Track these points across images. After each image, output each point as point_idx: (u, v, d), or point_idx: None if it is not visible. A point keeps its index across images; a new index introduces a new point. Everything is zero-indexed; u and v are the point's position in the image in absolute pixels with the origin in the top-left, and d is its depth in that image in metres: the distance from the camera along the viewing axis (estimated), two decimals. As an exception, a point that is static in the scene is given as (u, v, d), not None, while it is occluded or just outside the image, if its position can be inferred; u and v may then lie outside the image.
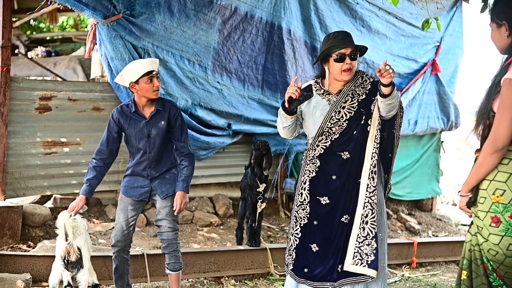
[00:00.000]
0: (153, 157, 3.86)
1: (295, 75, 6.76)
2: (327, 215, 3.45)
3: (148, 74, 3.71)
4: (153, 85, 3.73)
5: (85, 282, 3.74)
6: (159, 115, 3.84)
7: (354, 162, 3.41)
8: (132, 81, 3.72)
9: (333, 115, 3.44)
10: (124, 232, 3.89)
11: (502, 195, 2.55)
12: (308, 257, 3.47)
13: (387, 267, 5.70)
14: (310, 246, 3.47)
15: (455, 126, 8.83)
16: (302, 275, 3.47)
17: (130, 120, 3.83)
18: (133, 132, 3.83)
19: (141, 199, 3.93)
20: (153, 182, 3.90)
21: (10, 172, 5.20)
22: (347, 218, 3.40)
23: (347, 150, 3.42)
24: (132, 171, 3.94)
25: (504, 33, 2.72)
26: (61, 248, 3.71)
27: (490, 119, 2.65)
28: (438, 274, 5.86)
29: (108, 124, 3.88)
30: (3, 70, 5.12)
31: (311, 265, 3.45)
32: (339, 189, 3.43)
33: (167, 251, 3.93)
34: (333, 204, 3.43)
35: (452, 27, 8.42)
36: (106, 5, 5.24)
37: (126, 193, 3.93)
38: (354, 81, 3.48)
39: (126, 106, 3.89)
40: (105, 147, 3.87)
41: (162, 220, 3.91)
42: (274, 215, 7.04)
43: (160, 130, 3.83)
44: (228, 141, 6.46)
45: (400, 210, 8.36)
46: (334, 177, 3.44)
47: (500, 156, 2.57)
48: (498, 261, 2.57)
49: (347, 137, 3.42)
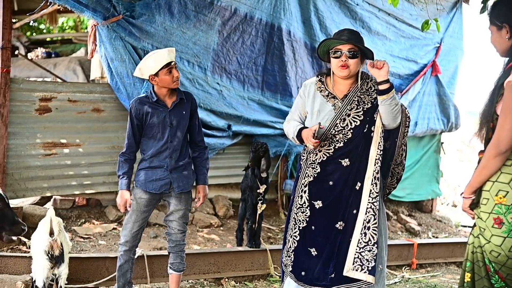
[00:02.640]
0: (175, 147, 3.85)
1: (295, 76, 6.78)
2: (324, 221, 3.45)
3: (167, 66, 3.71)
4: (173, 76, 3.74)
5: (65, 276, 3.83)
6: (182, 104, 3.87)
7: (353, 169, 3.40)
8: (151, 74, 3.72)
9: (338, 123, 3.41)
10: (134, 233, 3.89)
11: (505, 197, 2.55)
12: (306, 260, 3.48)
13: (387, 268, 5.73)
14: (309, 250, 3.46)
15: (455, 127, 8.82)
16: (300, 278, 3.47)
17: (153, 110, 3.81)
18: (156, 122, 3.81)
19: (161, 192, 3.88)
20: (172, 173, 3.87)
21: (10, 173, 5.20)
22: (342, 225, 3.40)
23: (348, 157, 3.41)
24: (149, 163, 3.87)
25: (505, 36, 2.71)
26: (44, 243, 3.74)
27: (494, 122, 2.65)
28: (438, 275, 5.86)
29: (130, 117, 3.85)
30: (3, 71, 5.11)
31: (309, 269, 3.45)
32: (335, 195, 3.42)
33: (173, 251, 3.96)
34: (328, 209, 3.43)
35: (452, 28, 8.42)
36: (106, 6, 5.23)
37: (145, 187, 3.86)
38: (360, 86, 3.44)
39: (145, 97, 3.87)
40: (133, 140, 3.87)
41: (173, 221, 3.93)
42: (274, 216, 7.04)
43: (182, 119, 3.86)
44: (228, 142, 6.46)
45: (400, 211, 8.35)
46: (331, 183, 3.44)
47: (503, 159, 2.57)
48: (500, 263, 2.57)
49: (352, 146, 3.40)
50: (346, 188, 3.40)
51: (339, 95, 3.45)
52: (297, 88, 6.80)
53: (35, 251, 3.85)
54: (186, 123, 3.90)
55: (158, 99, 3.82)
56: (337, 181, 3.42)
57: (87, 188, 5.69)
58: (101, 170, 5.70)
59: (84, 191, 5.71)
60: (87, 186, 5.69)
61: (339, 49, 3.36)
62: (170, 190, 3.90)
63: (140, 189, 3.88)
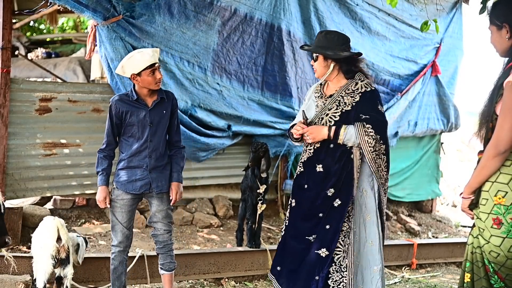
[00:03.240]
0: (155, 146, 3.83)
1: (295, 76, 6.78)
2: (298, 224, 3.54)
3: (151, 67, 3.70)
4: (156, 78, 3.73)
5: (70, 276, 3.95)
6: (163, 103, 3.85)
7: (327, 181, 3.42)
8: (134, 73, 3.71)
9: (316, 122, 3.47)
10: (125, 233, 3.89)
11: (504, 197, 2.55)
12: (285, 261, 3.59)
13: (386, 268, 5.73)
14: (290, 244, 3.58)
15: (455, 127, 8.82)
16: (274, 272, 3.63)
17: (133, 108, 3.79)
18: (135, 120, 3.79)
19: (141, 192, 3.87)
20: (151, 173, 3.84)
21: (10, 174, 5.20)
22: (314, 237, 3.44)
23: (321, 163, 3.44)
24: (128, 162, 3.85)
25: (505, 36, 2.71)
26: (50, 248, 3.83)
27: (493, 122, 2.65)
28: (438, 275, 5.86)
29: (109, 114, 3.82)
30: (3, 71, 5.11)
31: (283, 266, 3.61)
32: (309, 199, 3.48)
33: (162, 252, 3.96)
34: (301, 213, 3.51)
35: (452, 28, 8.42)
36: (106, 7, 5.23)
37: (125, 188, 3.85)
38: (347, 86, 3.48)
39: (125, 95, 3.86)
40: (112, 138, 3.86)
41: (158, 223, 3.93)
42: (274, 216, 7.04)
43: (162, 118, 3.84)
44: (228, 142, 6.46)
45: (400, 211, 8.35)
46: (306, 186, 3.51)
47: (502, 159, 2.57)
48: (499, 263, 2.57)
49: (326, 149, 3.44)
50: (318, 197, 3.43)
51: (327, 95, 3.53)
52: (297, 88, 6.81)
53: (36, 252, 3.87)
54: (166, 123, 3.88)
55: (139, 98, 3.80)
56: (310, 187, 3.48)
57: (87, 188, 5.69)
58: (101, 170, 5.69)
59: (84, 191, 5.71)
60: (87, 186, 5.69)
61: (312, 54, 3.55)
62: (150, 190, 3.88)
63: (121, 191, 3.87)
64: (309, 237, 3.44)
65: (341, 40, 3.49)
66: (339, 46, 3.46)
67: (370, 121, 3.32)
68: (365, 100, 3.39)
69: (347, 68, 3.49)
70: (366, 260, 3.44)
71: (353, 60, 3.52)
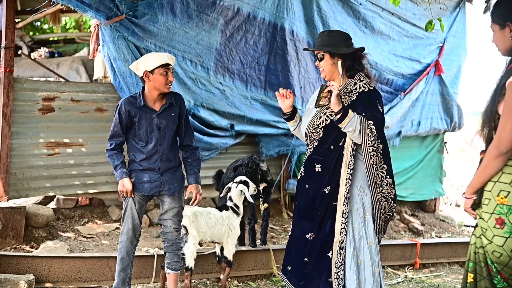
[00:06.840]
0: (164, 150, 3.83)
1: (298, 76, 6.77)
2: (301, 223, 3.54)
3: (165, 66, 3.71)
4: (167, 78, 3.73)
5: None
6: (171, 108, 3.85)
7: (325, 180, 3.42)
8: (147, 70, 3.70)
9: (315, 121, 3.47)
10: (136, 222, 3.86)
11: (507, 197, 2.54)
12: (292, 261, 3.60)
13: (389, 267, 5.72)
14: (295, 244, 3.58)
15: (458, 127, 8.80)
16: (285, 272, 3.66)
17: (141, 112, 3.79)
18: (144, 124, 3.79)
19: (151, 194, 3.89)
20: (163, 176, 3.86)
21: (13, 173, 5.21)
22: (312, 235, 3.45)
23: (320, 163, 3.44)
24: (140, 165, 3.85)
25: (507, 35, 2.69)
26: None
27: (496, 122, 2.63)
28: (442, 275, 5.85)
29: (118, 115, 3.79)
30: (6, 71, 5.13)
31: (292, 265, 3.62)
32: (309, 199, 3.48)
33: (170, 250, 3.96)
34: (304, 213, 3.52)
35: (455, 28, 8.40)
36: (109, 6, 5.24)
37: (135, 189, 3.85)
38: (346, 85, 3.48)
39: (134, 98, 3.84)
40: (120, 131, 3.81)
41: (168, 220, 3.93)
42: (277, 216, 7.04)
43: (171, 121, 3.84)
44: (231, 142, 6.46)
45: (403, 211, 8.34)
46: (307, 186, 3.51)
47: (505, 160, 2.55)
48: (502, 263, 2.56)
49: (324, 148, 3.44)
50: (318, 197, 3.44)
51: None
52: (300, 88, 6.80)
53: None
54: (175, 126, 3.88)
55: (146, 103, 3.79)
56: (311, 186, 3.48)
57: (90, 187, 5.70)
58: (104, 170, 5.70)
59: (87, 191, 5.72)
60: (90, 186, 5.70)
61: (316, 54, 3.52)
62: (161, 193, 3.90)
63: None
64: (310, 237, 3.44)
65: (344, 37, 3.51)
66: (343, 42, 3.47)
67: (370, 118, 3.31)
68: (363, 98, 3.39)
69: (349, 65, 3.48)
70: (366, 259, 3.43)
71: (357, 57, 3.51)
